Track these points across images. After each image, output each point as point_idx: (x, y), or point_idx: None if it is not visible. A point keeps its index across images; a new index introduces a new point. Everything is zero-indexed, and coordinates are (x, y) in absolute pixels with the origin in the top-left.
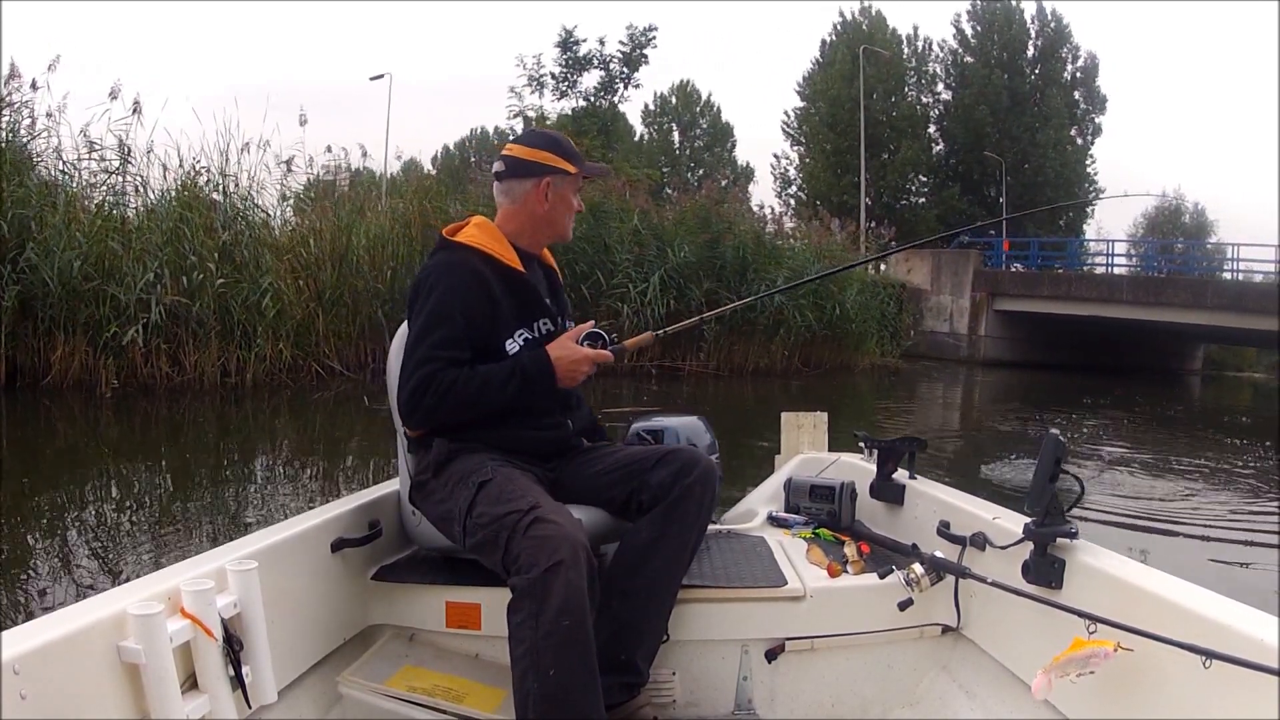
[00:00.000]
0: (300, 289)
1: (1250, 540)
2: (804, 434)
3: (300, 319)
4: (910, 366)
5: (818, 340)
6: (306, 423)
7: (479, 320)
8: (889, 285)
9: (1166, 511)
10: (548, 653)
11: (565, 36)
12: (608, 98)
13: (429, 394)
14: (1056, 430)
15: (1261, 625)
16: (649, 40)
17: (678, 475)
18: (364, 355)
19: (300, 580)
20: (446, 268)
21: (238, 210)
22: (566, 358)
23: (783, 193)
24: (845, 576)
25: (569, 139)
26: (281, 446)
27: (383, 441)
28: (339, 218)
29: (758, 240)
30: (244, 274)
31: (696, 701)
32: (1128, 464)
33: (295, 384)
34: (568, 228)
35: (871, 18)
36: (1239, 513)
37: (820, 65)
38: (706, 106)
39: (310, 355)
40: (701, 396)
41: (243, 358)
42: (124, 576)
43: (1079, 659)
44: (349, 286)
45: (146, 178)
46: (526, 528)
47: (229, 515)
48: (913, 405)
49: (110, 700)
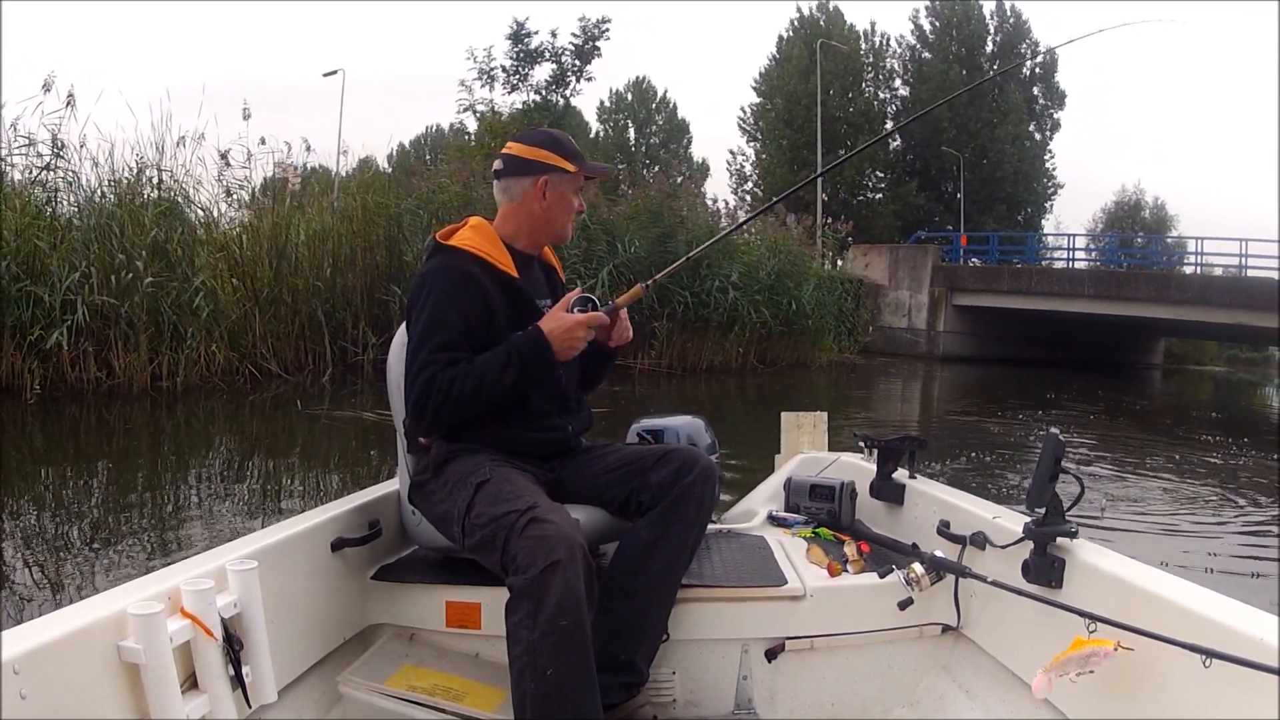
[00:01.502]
0: (236, 288)
1: (1222, 534)
2: (804, 434)
3: (236, 319)
4: (868, 363)
5: (773, 337)
6: (236, 429)
7: (476, 323)
8: (846, 281)
9: (1142, 508)
10: (545, 653)
11: (516, 29)
12: (560, 91)
13: (433, 396)
14: (1056, 429)
15: (1261, 625)
16: (602, 32)
17: (677, 475)
18: (303, 356)
19: (300, 580)
20: (440, 272)
21: (170, 206)
22: (558, 327)
23: (739, 189)
24: (845, 576)
25: (570, 138)
26: (208, 457)
27: (324, 448)
28: (278, 213)
29: (710, 235)
30: (177, 272)
31: (696, 701)
32: (1099, 460)
33: (229, 387)
34: (567, 228)
35: (829, 14)
36: (1215, 508)
37: (777, 61)
38: (662, 103)
39: (246, 357)
40: (653, 397)
41: (173, 360)
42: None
43: (1079, 658)
44: (288, 285)
45: (79, 173)
46: (524, 528)
47: (153, 532)
48: (872, 402)
49: (110, 700)
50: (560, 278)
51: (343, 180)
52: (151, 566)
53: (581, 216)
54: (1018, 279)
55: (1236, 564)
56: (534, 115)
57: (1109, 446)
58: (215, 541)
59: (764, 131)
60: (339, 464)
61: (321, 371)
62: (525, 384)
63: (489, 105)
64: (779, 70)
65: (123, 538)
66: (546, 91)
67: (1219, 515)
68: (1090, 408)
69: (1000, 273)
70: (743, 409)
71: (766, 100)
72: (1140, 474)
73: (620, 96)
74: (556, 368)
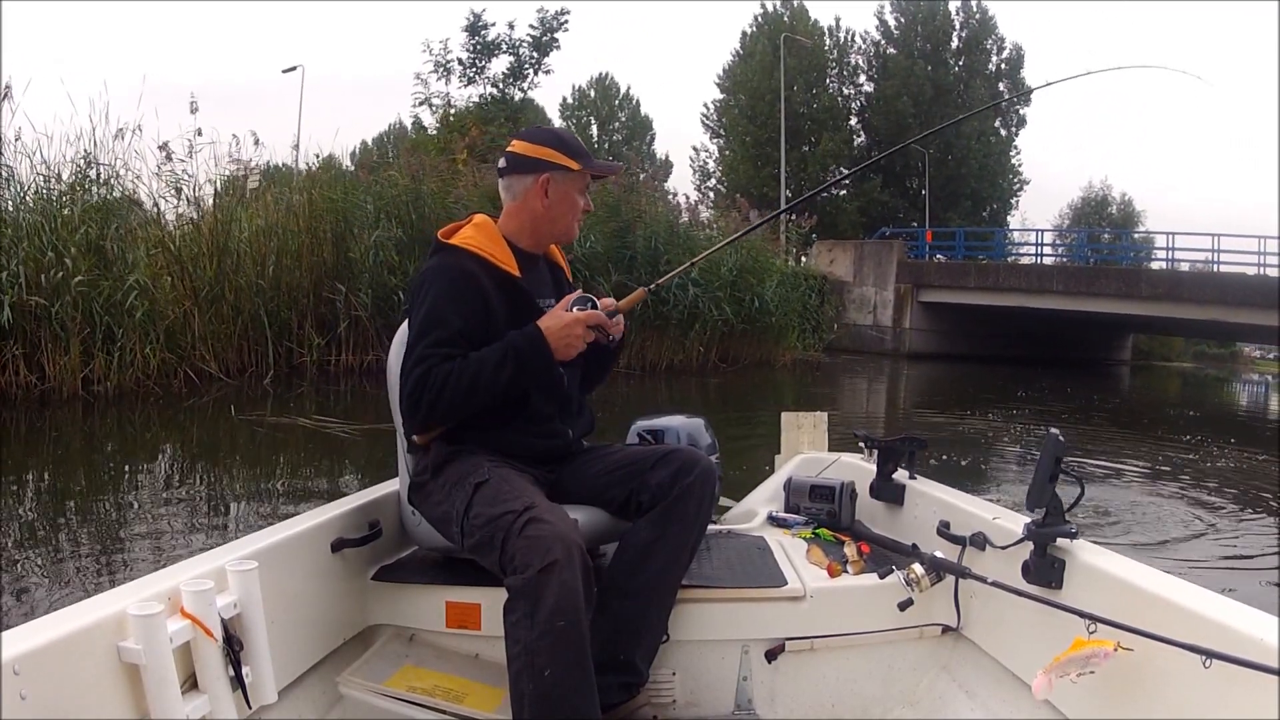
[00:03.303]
0: (174, 286)
1: (1218, 535)
2: (804, 434)
3: (175, 319)
4: (833, 361)
5: (736, 335)
6: (165, 438)
7: (474, 323)
8: (810, 277)
9: (1123, 508)
10: (543, 653)
11: (473, 20)
12: (517, 84)
13: (427, 391)
14: (1056, 430)
15: (1261, 625)
16: (560, 24)
17: (677, 475)
18: (245, 358)
19: (300, 580)
20: (439, 271)
21: (105, 201)
22: (556, 325)
23: (702, 185)
24: (845, 576)
25: (575, 135)
26: (127, 469)
27: (260, 458)
28: (221, 208)
29: (670, 229)
30: (113, 271)
31: (696, 701)
32: (1079, 461)
33: (165, 391)
34: (571, 227)
35: (793, 9)
36: (1207, 508)
37: (741, 57)
38: (625, 100)
39: (185, 359)
40: (610, 399)
41: (105, 363)
42: None
43: (1079, 659)
44: (230, 283)
45: (15, 167)
46: (521, 528)
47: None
48: (838, 401)
49: (110, 700)
50: (568, 276)
51: (287, 175)
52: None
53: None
54: (984, 275)
55: (1236, 563)
56: (490, 109)
57: (1088, 446)
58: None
59: (727, 128)
60: (275, 474)
61: (264, 374)
62: (522, 382)
63: (444, 99)
64: (743, 66)
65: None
66: (504, 85)
67: (1211, 516)
68: (1062, 406)
69: (967, 269)
70: (704, 410)
71: (730, 97)
72: (1128, 476)
73: (583, 93)
74: (555, 367)
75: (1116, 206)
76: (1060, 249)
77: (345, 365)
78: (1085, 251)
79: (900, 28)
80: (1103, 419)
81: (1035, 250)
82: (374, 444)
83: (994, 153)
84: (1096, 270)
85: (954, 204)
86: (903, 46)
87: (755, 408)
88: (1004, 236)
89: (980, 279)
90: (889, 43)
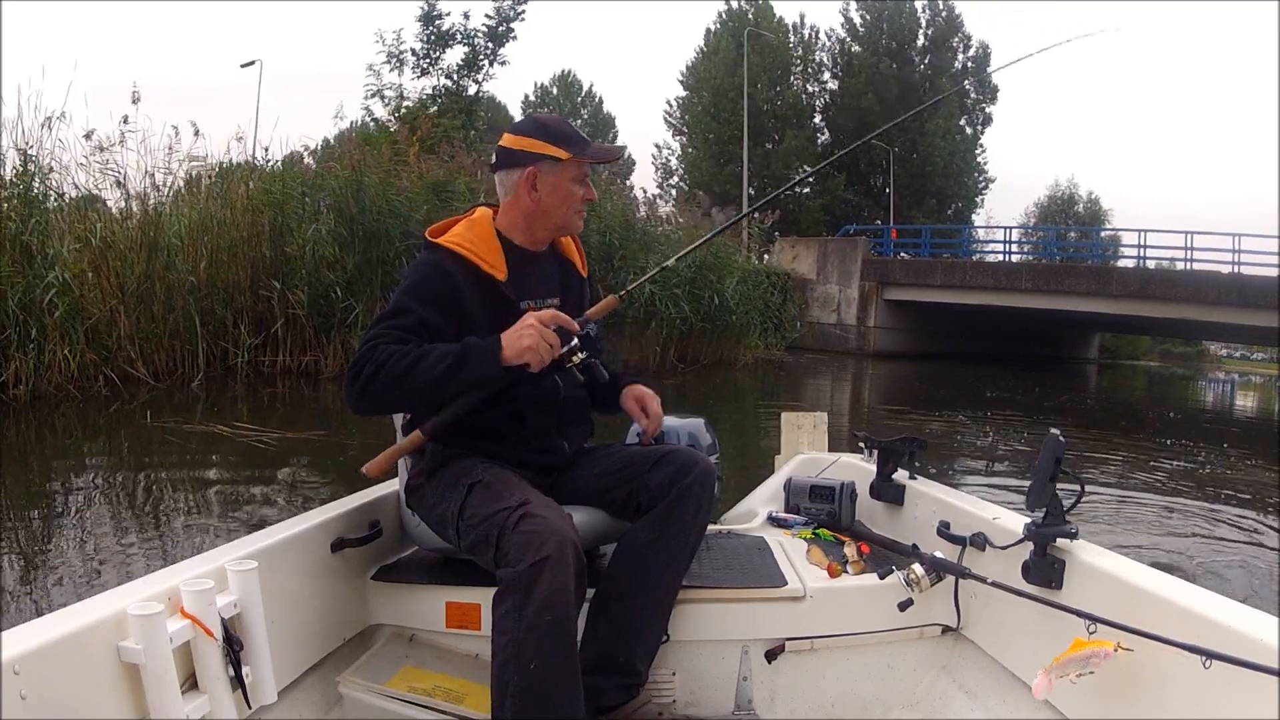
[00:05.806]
0: (98, 283)
1: (1213, 536)
2: (804, 434)
3: (99, 318)
4: (797, 360)
5: (695, 333)
6: (71, 448)
7: (439, 320)
8: (772, 274)
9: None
10: (529, 646)
11: (427, 10)
12: (472, 75)
13: (369, 364)
14: (1056, 430)
15: (1261, 625)
16: (517, 15)
17: (676, 475)
18: (176, 359)
19: (300, 580)
20: (415, 268)
21: (24, 192)
22: (513, 329)
23: (664, 183)
24: (845, 577)
25: (565, 121)
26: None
27: (170, 470)
28: (149, 199)
29: (626, 224)
30: (32, 266)
31: (696, 702)
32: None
33: (84, 395)
34: (570, 219)
35: (758, 7)
36: (1197, 508)
37: (704, 55)
38: (588, 97)
39: (110, 360)
40: None
41: (20, 365)
42: None
43: (1079, 659)
44: (160, 279)
45: None
46: (516, 523)
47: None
48: (800, 402)
49: (110, 700)
50: (581, 271)
51: (229, 169)
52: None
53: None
54: (951, 273)
55: (1235, 564)
56: (443, 100)
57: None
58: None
59: (690, 125)
60: (183, 487)
61: (192, 376)
62: (466, 379)
63: (397, 90)
64: (706, 63)
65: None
66: (458, 76)
67: (1202, 517)
68: (1032, 405)
69: (933, 266)
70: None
71: (693, 94)
72: (1114, 477)
73: (545, 90)
74: (499, 367)
75: (1083, 205)
76: (1027, 247)
77: (281, 366)
78: (1053, 249)
79: (865, 25)
80: (1077, 419)
81: (1003, 248)
82: (295, 453)
83: (959, 150)
84: (1065, 268)
85: (919, 202)
86: (868, 44)
87: (717, 408)
88: (970, 234)
89: (946, 277)
90: (854, 40)
